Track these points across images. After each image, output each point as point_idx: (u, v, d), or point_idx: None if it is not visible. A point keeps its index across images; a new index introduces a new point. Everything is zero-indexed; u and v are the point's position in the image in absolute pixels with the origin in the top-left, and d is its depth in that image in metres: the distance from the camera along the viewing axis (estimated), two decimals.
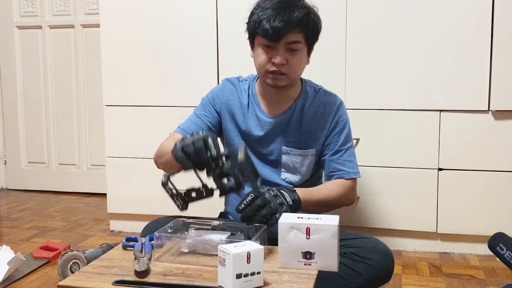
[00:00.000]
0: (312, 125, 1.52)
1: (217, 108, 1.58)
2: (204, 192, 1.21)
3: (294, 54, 1.41)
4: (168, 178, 1.22)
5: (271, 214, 1.22)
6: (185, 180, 1.23)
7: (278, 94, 1.51)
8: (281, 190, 1.29)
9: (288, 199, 1.29)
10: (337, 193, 1.47)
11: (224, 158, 1.14)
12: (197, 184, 1.22)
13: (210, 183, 1.19)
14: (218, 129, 1.59)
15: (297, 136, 1.52)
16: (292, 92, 1.53)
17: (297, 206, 1.32)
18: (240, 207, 1.22)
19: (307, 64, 1.51)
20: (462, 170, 1.99)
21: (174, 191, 1.23)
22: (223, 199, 1.69)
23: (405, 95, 2.01)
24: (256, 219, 1.21)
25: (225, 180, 1.17)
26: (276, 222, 1.19)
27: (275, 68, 1.41)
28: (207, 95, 1.62)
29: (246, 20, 1.47)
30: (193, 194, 1.22)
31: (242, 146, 1.19)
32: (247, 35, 1.49)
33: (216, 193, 1.20)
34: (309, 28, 1.41)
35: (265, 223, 1.21)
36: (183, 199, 1.23)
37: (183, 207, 1.23)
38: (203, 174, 1.18)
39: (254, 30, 1.42)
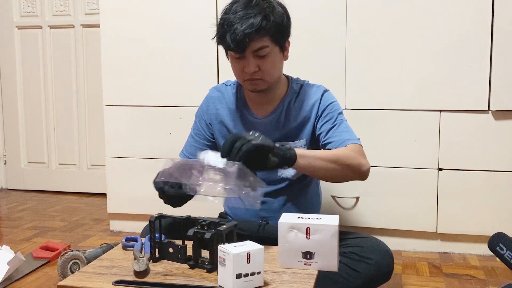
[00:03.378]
0: (299, 117, 1.51)
1: (207, 121, 1.60)
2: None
3: (264, 59, 1.40)
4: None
5: (245, 142, 1.16)
6: None
7: (264, 95, 1.51)
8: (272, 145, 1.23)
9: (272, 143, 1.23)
10: (341, 151, 1.38)
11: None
12: None
13: None
14: (214, 140, 1.61)
15: (287, 131, 1.52)
16: (278, 92, 1.53)
17: (288, 153, 1.25)
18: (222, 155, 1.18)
19: (286, 60, 1.50)
20: (462, 170, 1.99)
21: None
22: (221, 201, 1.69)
23: (405, 95, 2.01)
24: (232, 154, 1.16)
25: None
26: (253, 147, 1.15)
27: (249, 77, 1.42)
28: (198, 110, 1.64)
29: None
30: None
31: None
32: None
33: None
34: (271, 30, 1.38)
35: (241, 152, 1.16)
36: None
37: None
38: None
39: (221, 44, 1.43)
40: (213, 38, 1.46)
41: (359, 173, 1.39)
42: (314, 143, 1.53)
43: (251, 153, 1.16)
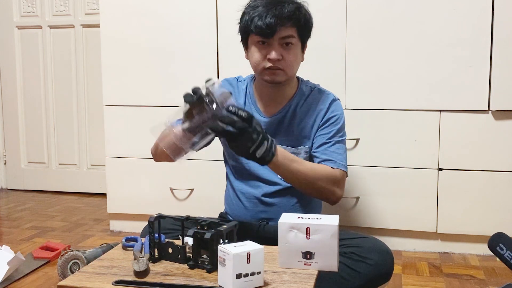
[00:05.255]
0: (304, 123, 1.52)
1: None
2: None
3: (288, 49, 1.42)
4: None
5: (234, 135, 1.17)
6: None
7: (274, 93, 1.51)
8: (267, 137, 1.25)
9: (265, 145, 1.23)
10: (320, 175, 1.40)
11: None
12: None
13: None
14: None
15: (290, 134, 1.52)
16: (288, 91, 1.53)
17: (264, 160, 1.27)
18: (230, 108, 1.16)
19: (302, 61, 1.52)
20: (462, 170, 1.99)
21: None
22: (222, 199, 1.69)
23: (405, 95, 2.01)
24: (220, 128, 1.15)
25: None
26: (233, 147, 1.20)
27: (271, 64, 1.42)
28: None
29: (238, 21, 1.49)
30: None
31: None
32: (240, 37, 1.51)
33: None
34: (301, 22, 1.42)
35: (222, 135, 1.18)
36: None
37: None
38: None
39: (247, 29, 1.44)
40: (240, 23, 1.47)
41: (329, 200, 1.46)
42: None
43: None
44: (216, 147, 1.65)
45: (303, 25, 1.43)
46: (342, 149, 1.50)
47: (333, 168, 1.44)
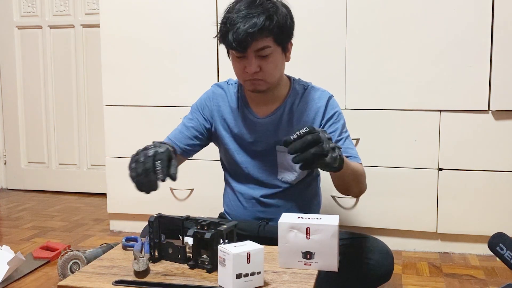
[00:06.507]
0: (302, 122, 1.51)
1: (205, 115, 1.58)
2: None
3: (266, 59, 1.39)
4: None
5: (321, 155, 1.12)
6: None
7: (264, 95, 1.51)
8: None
9: (337, 152, 1.18)
10: (362, 169, 1.44)
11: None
12: None
13: None
14: (207, 136, 1.59)
15: (289, 134, 1.52)
16: (279, 92, 1.52)
17: (340, 164, 1.20)
18: (291, 137, 1.12)
19: (287, 61, 1.49)
20: (462, 170, 1.99)
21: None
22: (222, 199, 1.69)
23: (405, 95, 2.01)
24: (305, 155, 1.11)
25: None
26: (325, 165, 1.13)
27: (250, 77, 1.41)
28: (196, 102, 1.63)
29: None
30: None
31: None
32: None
33: None
34: (274, 30, 1.37)
35: (312, 161, 1.12)
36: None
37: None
38: None
39: (223, 43, 1.42)
40: (215, 37, 1.46)
41: (360, 193, 1.47)
42: None
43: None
44: (216, 147, 1.65)
45: (277, 32, 1.38)
46: (352, 143, 1.52)
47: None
